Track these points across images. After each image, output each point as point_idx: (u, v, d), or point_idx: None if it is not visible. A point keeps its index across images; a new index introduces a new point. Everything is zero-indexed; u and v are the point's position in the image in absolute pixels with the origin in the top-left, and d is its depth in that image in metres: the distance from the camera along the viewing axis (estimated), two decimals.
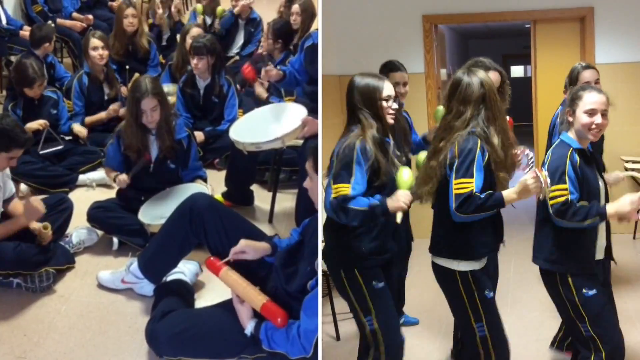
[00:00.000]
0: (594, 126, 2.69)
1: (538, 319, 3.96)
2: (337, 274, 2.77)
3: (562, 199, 2.61)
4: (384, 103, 2.70)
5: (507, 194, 2.57)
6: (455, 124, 2.67)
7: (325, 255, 2.82)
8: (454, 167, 2.59)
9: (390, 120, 2.73)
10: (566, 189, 2.61)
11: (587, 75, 3.80)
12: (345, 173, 2.58)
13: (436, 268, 2.80)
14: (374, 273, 2.74)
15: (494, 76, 3.38)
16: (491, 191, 2.58)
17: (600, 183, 2.78)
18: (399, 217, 2.64)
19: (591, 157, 2.80)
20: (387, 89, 2.72)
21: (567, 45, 5.60)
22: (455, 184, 2.57)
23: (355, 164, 2.58)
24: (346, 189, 2.56)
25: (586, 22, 5.39)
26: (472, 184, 2.54)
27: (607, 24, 5.35)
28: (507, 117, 3.06)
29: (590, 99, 2.70)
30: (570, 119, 2.77)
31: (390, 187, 2.67)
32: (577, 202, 2.63)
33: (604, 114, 2.70)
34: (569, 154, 2.67)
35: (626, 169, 4.92)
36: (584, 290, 2.70)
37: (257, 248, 3.00)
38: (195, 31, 5.45)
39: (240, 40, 6.48)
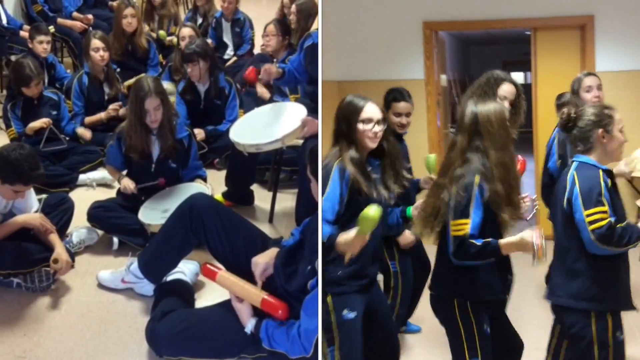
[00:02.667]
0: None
1: (535, 329, 3.93)
2: None
3: (605, 222, 2.44)
4: (361, 125, 2.60)
5: (505, 243, 2.45)
6: (452, 155, 2.59)
7: None
8: (452, 207, 2.48)
9: (369, 143, 2.61)
10: (606, 212, 2.45)
11: (589, 81, 3.77)
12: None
13: (433, 298, 2.69)
14: (348, 300, 2.60)
15: (508, 88, 3.34)
16: (489, 239, 2.45)
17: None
18: (346, 258, 2.44)
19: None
20: (369, 111, 2.61)
21: (567, 52, 5.63)
22: (452, 225, 2.47)
23: (330, 182, 2.53)
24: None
25: (586, 30, 5.43)
26: (467, 225, 2.43)
27: (608, 32, 5.38)
28: (520, 158, 2.94)
29: (618, 117, 2.65)
30: (605, 140, 2.63)
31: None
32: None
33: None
34: (600, 174, 2.53)
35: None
36: (617, 334, 2.55)
37: (273, 259, 2.94)
38: (185, 31, 5.47)
39: (228, 41, 6.44)
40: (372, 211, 2.29)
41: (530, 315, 4.10)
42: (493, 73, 3.41)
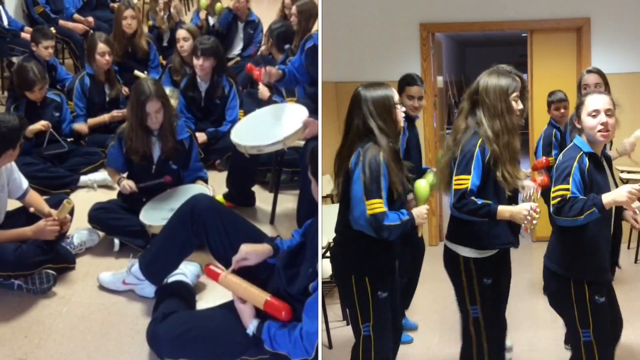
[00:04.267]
0: (600, 126, 2.72)
1: (531, 329, 3.96)
2: (346, 279, 2.77)
3: (561, 197, 2.64)
4: (397, 109, 2.76)
5: (502, 210, 2.72)
6: (457, 119, 2.90)
7: (335, 259, 2.85)
8: (456, 165, 2.78)
9: (400, 123, 2.81)
10: (567, 189, 2.64)
11: (587, 79, 3.88)
12: (375, 188, 2.61)
13: (445, 250, 2.97)
14: (382, 283, 2.77)
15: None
16: (489, 202, 2.72)
17: (612, 188, 2.78)
18: (420, 231, 2.82)
19: (605, 161, 2.83)
20: (396, 94, 2.79)
21: (563, 55, 5.65)
22: (454, 180, 2.76)
23: (383, 178, 2.63)
24: (380, 205, 2.60)
25: (583, 32, 5.44)
26: (468, 180, 2.71)
27: (604, 35, 5.40)
28: (543, 158, 3.40)
29: (591, 102, 2.78)
30: (579, 125, 2.82)
31: (403, 198, 2.75)
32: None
33: (608, 114, 2.74)
34: (578, 156, 2.69)
35: (621, 179, 4.96)
36: (596, 297, 2.74)
37: (259, 252, 2.98)
38: (181, 33, 5.50)
39: (239, 42, 6.45)
40: (423, 184, 2.75)
41: (524, 317, 4.12)
42: (499, 67, 3.51)
